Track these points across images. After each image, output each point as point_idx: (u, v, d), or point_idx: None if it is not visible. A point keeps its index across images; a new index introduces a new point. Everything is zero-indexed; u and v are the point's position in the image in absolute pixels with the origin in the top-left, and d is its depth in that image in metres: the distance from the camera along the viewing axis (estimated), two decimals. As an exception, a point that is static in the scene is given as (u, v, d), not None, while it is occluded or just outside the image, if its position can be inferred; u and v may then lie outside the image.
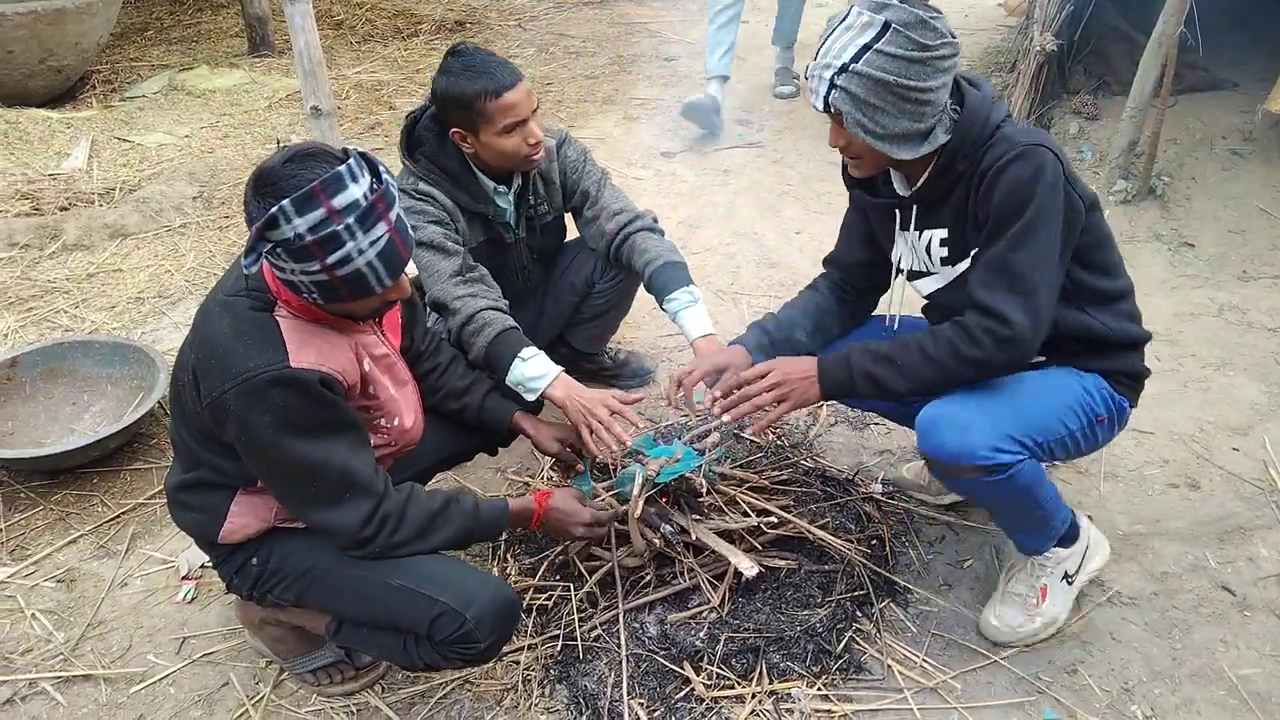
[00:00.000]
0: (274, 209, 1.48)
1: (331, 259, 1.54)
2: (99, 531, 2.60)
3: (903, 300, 2.21)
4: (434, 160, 2.43)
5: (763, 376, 2.04)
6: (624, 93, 5.70)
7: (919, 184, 1.96)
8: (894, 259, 2.16)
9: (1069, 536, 2.18)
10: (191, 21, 6.91)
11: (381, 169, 1.60)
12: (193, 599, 2.37)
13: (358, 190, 1.53)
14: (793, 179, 4.66)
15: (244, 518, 1.85)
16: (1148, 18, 4.14)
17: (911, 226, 2.04)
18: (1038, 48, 4.44)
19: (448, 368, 2.20)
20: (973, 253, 1.94)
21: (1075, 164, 4.42)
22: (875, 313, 2.43)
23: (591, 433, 2.20)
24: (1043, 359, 2.02)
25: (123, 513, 2.66)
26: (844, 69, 1.77)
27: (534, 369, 2.26)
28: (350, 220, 1.53)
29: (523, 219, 2.61)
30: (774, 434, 2.78)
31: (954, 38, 1.80)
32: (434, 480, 2.37)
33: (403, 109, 5.40)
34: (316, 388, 1.64)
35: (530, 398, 2.29)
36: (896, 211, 2.07)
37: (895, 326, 2.24)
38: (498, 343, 2.28)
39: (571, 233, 2.81)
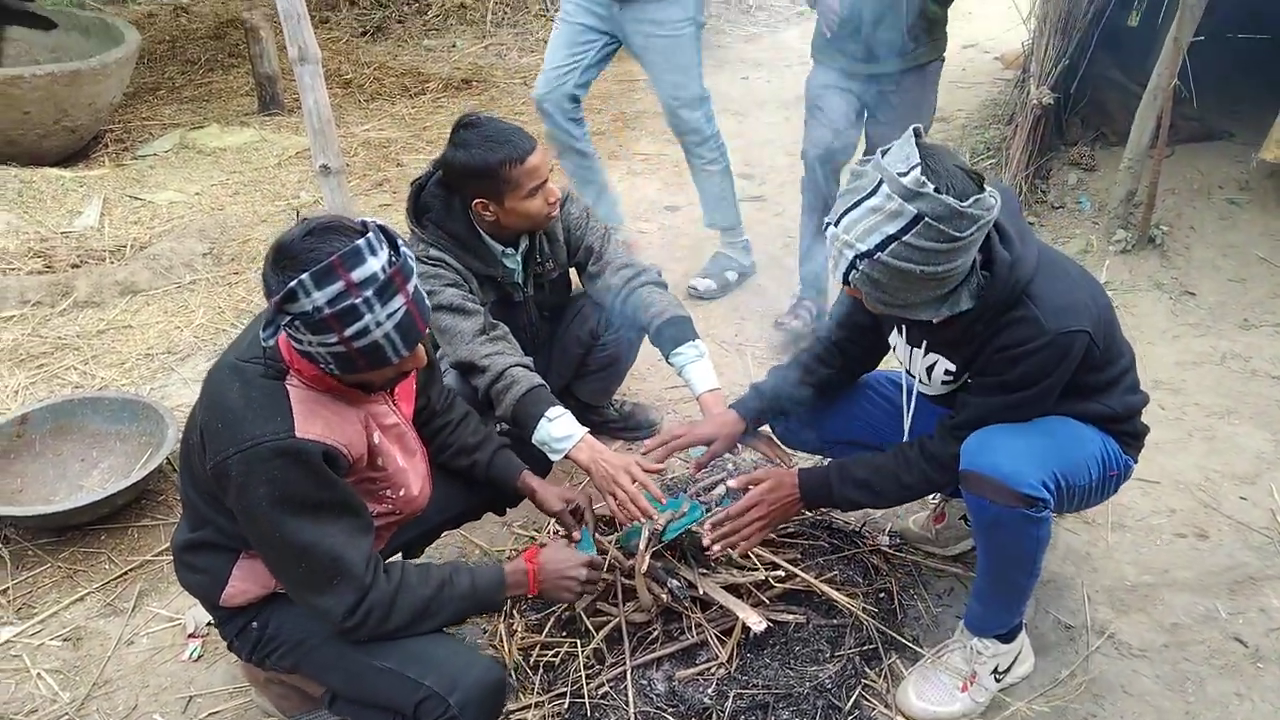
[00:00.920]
0: (293, 283, 1.51)
1: (349, 331, 1.56)
2: (106, 589, 2.60)
3: (913, 407, 2.22)
4: (442, 226, 2.47)
5: (750, 508, 2.17)
6: (628, 148, 5.78)
7: (935, 325, 1.94)
8: (897, 355, 2.20)
9: (1011, 633, 2.16)
10: (203, 81, 7.03)
11: (400, 242, 1.63)
12: (199, 657, 2.37)
13: (376, 264, 1.56)
14: (795, 232, 4.70)
15: (245, 582, 1.85)
16: (1143, 70, 4.22)
17: (923, 349, 2.05)
18: (1034, 101, 4.51)
19: (459, 424, 2.21)
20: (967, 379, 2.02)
21: (1073, 215, 4.47)
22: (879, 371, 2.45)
23: (616, 500, 2.22)
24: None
25: (130, 570, 2.66)
26: (867, 255, 1.71)
27: (560, 429, 2.28)
28: (368, 293, 1.55)
29: (530, 278, 2.65)
30: None
31: (989, 211, 1.69)
32: (440, 537, 2.37)
33: (410, 166, 5.48)
34: (318, 462, 1.64)
35: (555, 458, 2.31)
36: (904, 326, 2.10)
37: (906, 436, 2.24)
38: (526, 400, 2.30)
39: (576, 286, 2.85)
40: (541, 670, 2.22)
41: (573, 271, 2.80)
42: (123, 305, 4.00)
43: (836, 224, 1.76)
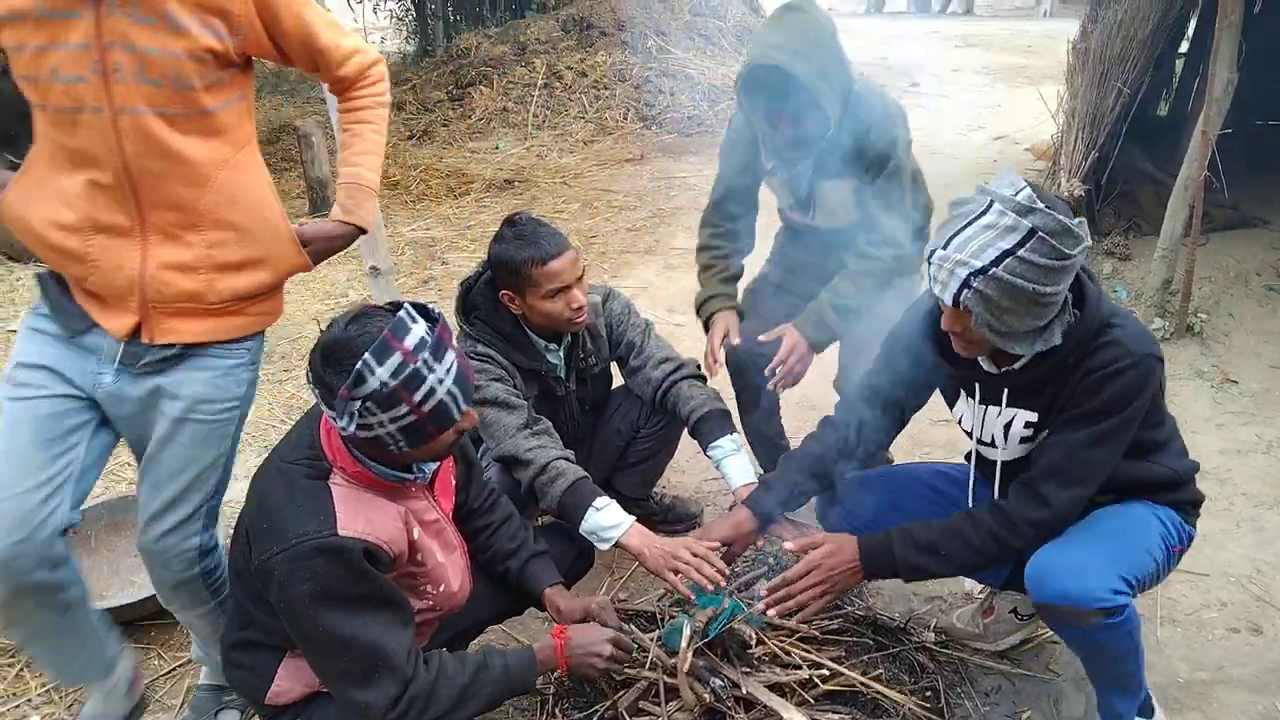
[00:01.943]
0: (358, 365, 1.59)
1: (418, 396, 1.64)
2: (154, 686, 2.63)
3: (974, 481, 2.21)
4: (489, 323, 2.56)
5: (807, 573, 2.13)
6: (664, 243, 5.92)
7: (1016, 368, 1.95)
8: (960, 424, 2.18)
9: (1147, 708, 2.14)
10: (256, 185, 7.33)
11: (429, 308, 1.74)
12: (244, 755, 2.38)
13: (420, 329, 1.67)
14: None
15: (289, 680, 1.89)
16: (1173, 160, 4.28)
17: (1002, 404, 2.03)
18: (1066, 194, 4.58)
19: (499, 528, 2.24)
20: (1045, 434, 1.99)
21: (1111, 303, 4.48)
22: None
23: (677, 574, 2.25)
24: (1112, 498, 2.05)
25: (178, 665, 2.70)
26: (982, 272, 1.72)
27: (608, 518, 2.33)
28: (425, 355, 1.65)
29: (573, 372, 2.72)
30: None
31: (1088, 236, 1.77)
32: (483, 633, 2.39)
33: (455, 264, 5.64)
34: (359, 559, 1.69)
35: (604, 547, 2.35)
36: (977, 386, 2.07)
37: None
38: (572, 492, 2.35)
39: (617, 380, 2.91)
40: (584, 770, 2.20)
41: (613, 366, 2.87)
42: (177, 403, 4.11)
43: (945, 247, 1.77)
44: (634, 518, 2.36)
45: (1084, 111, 4.77)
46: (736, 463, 2.53)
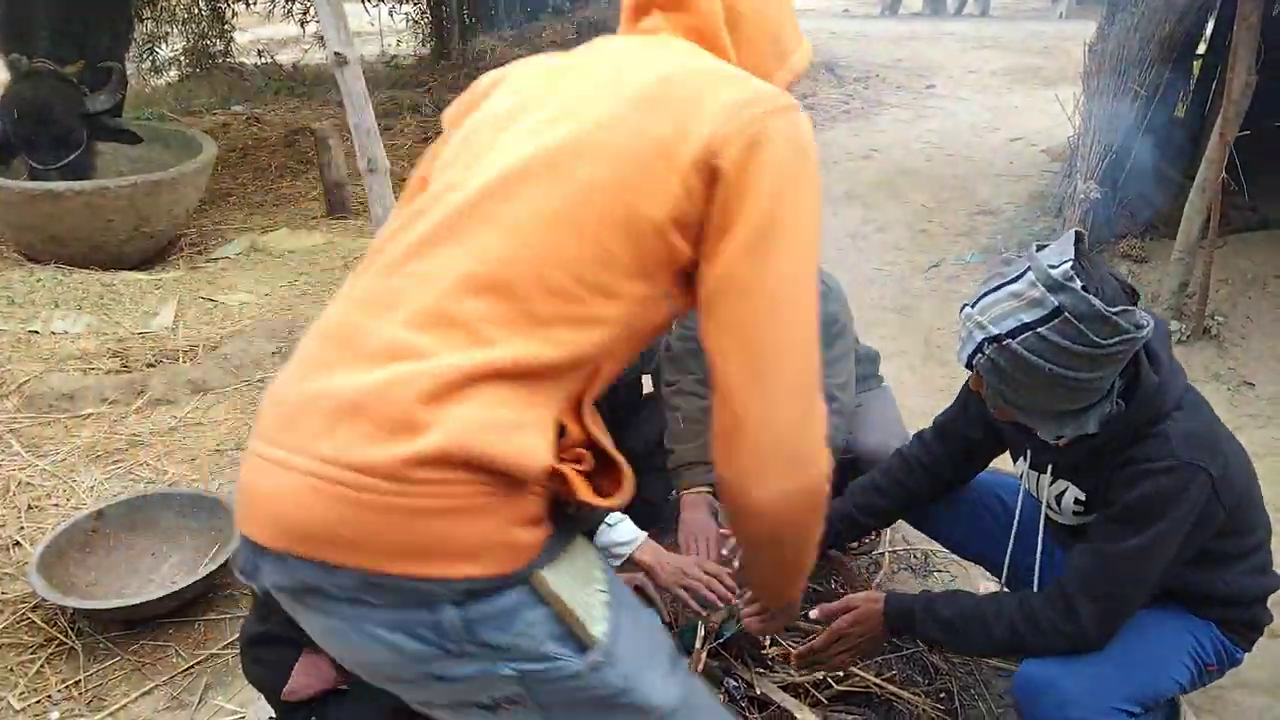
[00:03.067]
0: None
1: None
2: (173, 682, 2.66)
3: (1017, 527, 2.12)
4: None
5: (836, 640, 2.05)
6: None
7: (1062, 445, 1.85)
8: (1025, 484, 2.09)
9: (1174, 712, 2.08)
10: (272, 187, 7.38)
11: None
12: (261, 752, 2.40)
13: None
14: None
15: (307, 676, 1.90)
16: (1190, 162, 4.26)
17: (1049, 473, 1.94)
18: (1081, 195, 4.56)
19: None
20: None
21: (1128, 305, 4.46)
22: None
23: (689, 591, 2.25)
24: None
25: (196, 663, 2.72)
26: (996, 340, 1.64)
27: (621, 534, 2.33)
28: None
29: None
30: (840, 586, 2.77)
31: (1138, 329, 1.61)
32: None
33: (468, 264, 5.65)
34: None
35: (617, 563, 2.35)
36: (1028, 449, 1.98)
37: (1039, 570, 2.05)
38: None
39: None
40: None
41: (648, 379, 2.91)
42: (194, 403, 4.16)
43: (973, 306, 1.70)
44: (646, 534, 2.36)
45: (1100, 113, 4.76)
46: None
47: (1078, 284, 1.58)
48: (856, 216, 6.20)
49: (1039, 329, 1.60)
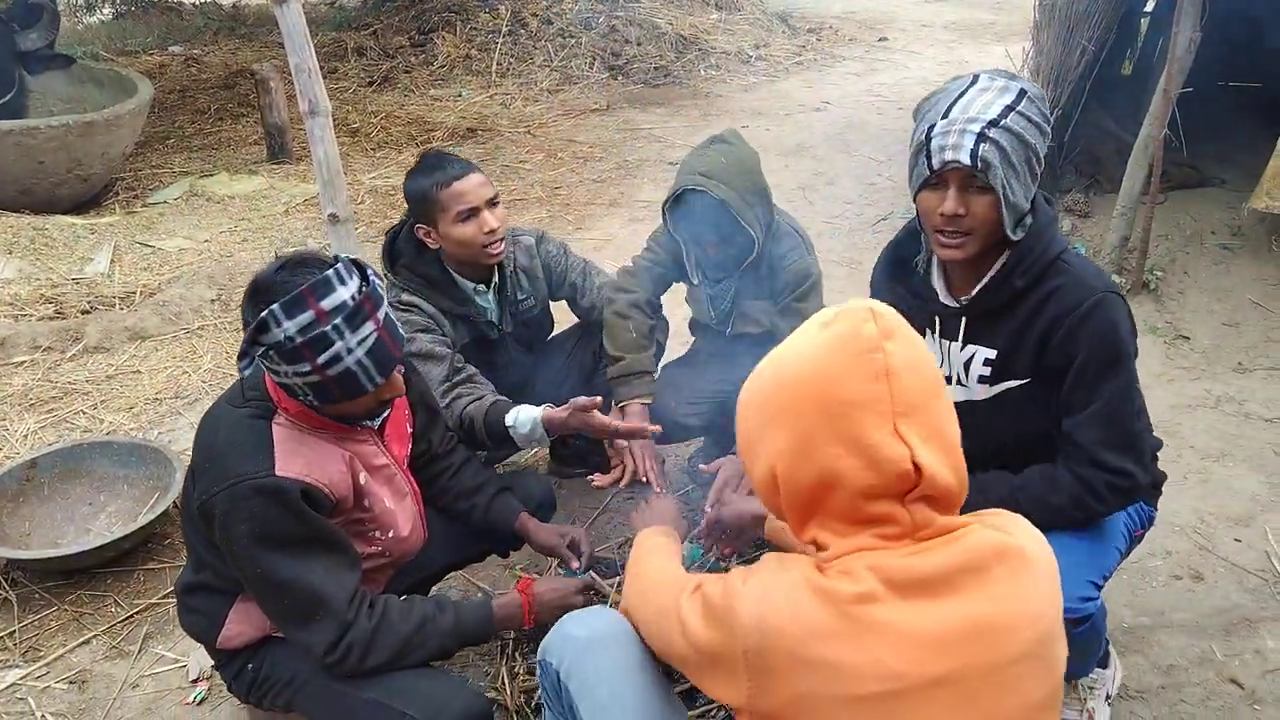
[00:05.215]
0: (264, 313, 1.58)
1: (322, 359, 1.62)
2: (112, 632, 2.62)
3: None
4: (414, 270, 2.57)
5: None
6: (630, 195, 5.88)
7: (973, 294, 1.92)
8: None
9: (1105, 656, 2.17)
10: (212, 130, 7.17)
11: (370, 271, 1.70)
12: (203, 700, 2.38)
13: (345, 292, 1.63)
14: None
15: (240, 624, 1.89)
16: (1135, 119, 4.31)
17: (959, 339, 1.98)
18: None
19: (460, 468, 2.25)
20: (1022, 382, 1.91)
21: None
22: None
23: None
24: None
25: (135, 613, 2.69)
26: (994, 124, 1.72)
27: (524, 421, 2.43)
28: (338, 321, 1.61)
29: (506, 314, 2.72)
30: None
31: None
32: (444, 579, 2.40)
33: (415, 212, 5.57)
34: (296, 500, 1.68)
35: (534, 438, 2.46)
36: (937, 320, 2.02)
37: None
38: (485, 424, 2.45)
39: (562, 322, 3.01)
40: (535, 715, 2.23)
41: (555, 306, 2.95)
42: (132, 351, 4.06)
43: (945, 116, 1.76)
44: (543, 409, 2.45)
45: (1049, 68, 4.78)
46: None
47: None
48: (807, 169, 6.20)
49: (1017, 107, 1.74)
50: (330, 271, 1.63)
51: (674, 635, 1.35)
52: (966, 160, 1.73)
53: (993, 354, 1.94)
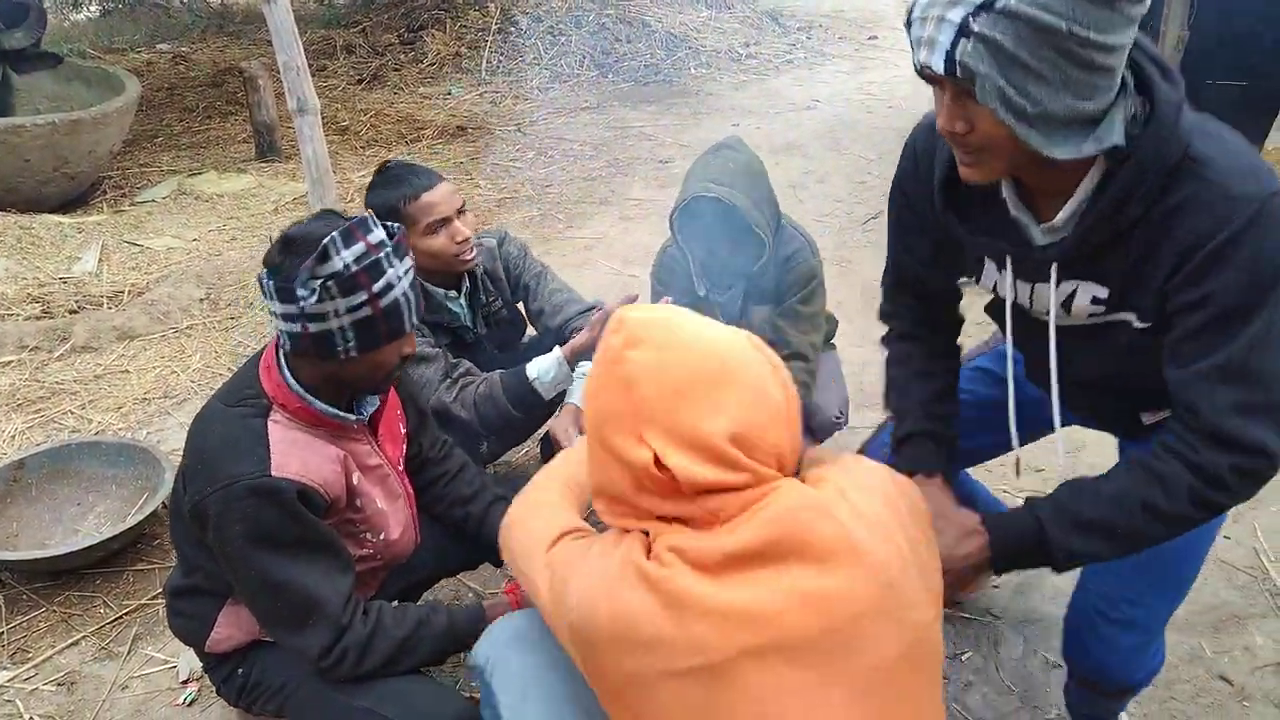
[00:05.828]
0: (325, 242, 1.59)
1: (377, 286, 1.64)
2: (101, 633, 2.61)
3: (1013, 359, 1.69)
4: None
5: None
6: (620, 194, 5.88)
7: (1074, 228, 1.36)
8: (992, 289, 1.62)
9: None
10: (200, 128, 7.14)
11: (391, 223, 1.74)
12: (193, 702, 2.37)
13: (381, 232, 1.68)
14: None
15: (230, 628, 1.88)
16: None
17: (1053, 279, 1.44)
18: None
19: (456, 475, 2.22)
20: (1143, 326, 1.41)
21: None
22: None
23: None
24: None
25: (125, 614, 2.67)
26: (987, 6, 1.14)
27: (543, 362, 2.47)
28: (387, 250, 1.66)
29: (479, 317, 2.71)
30: None
31: None
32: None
33: (405, 211, 5.55)
34: (292, 501, 1.66)
35: (563, 370, 2.48)
36: (1008, 259, 1.50)
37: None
38: (509, 387, 2.47)
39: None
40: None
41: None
42: (120, 350, 4.04)
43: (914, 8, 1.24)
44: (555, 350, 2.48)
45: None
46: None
47: None
48: (797, 167, 6.20)
49: None
50: (364, 215, 1.69)
51: (534, 590, 1.41)
52: (940, 66, 1.20)
53: (1104, 292, 1.42)
